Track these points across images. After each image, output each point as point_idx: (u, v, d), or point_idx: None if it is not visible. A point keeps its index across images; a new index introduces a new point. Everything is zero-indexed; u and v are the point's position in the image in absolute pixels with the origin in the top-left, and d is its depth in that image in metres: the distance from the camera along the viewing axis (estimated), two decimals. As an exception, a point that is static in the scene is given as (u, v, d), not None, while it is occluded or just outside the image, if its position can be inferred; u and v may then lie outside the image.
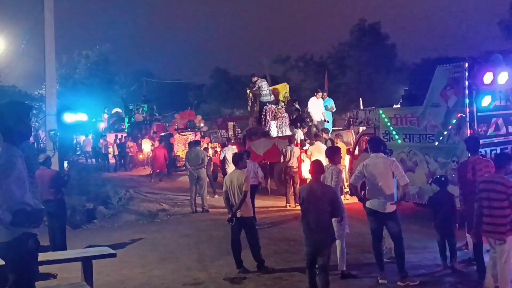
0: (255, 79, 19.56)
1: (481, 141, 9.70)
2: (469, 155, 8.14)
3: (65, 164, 10.67)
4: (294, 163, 14.75)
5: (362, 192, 8.28)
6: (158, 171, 22.14)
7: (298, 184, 14.62)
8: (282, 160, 15.01)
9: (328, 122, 17.85)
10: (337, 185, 8.09)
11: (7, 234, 4.42)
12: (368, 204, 7.95)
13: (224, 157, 16.41)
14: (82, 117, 11.08)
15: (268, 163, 17.09)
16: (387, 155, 8.98)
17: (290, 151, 14.76)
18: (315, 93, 18.23)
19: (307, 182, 10.60)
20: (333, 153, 8.55)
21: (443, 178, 8.79)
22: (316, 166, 7.30)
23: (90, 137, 32.53)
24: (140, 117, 33.66)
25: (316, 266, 7.06)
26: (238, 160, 9.28)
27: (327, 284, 6.87)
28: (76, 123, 12.10)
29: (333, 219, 7.34)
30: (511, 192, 6.46)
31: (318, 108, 17.73)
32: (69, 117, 11.03)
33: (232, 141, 20.39)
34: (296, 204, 14.41)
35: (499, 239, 6.55)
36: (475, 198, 6.93)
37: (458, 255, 8.26)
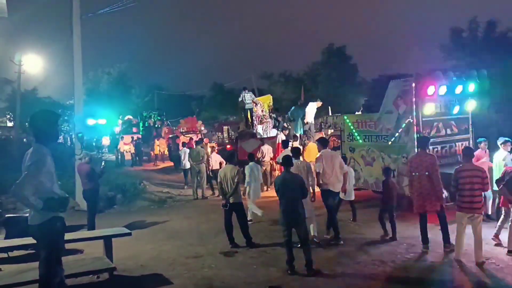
0: (244, 91, 19.51)
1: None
2: (419, 149, 8.28)
3: (102, 162, 10.99)
4: (267, 158, 15.52)
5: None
6: None
7: (271, 174, 15.73)
8: (259, 156, 15.37)
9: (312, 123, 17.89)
10: (310, 176, 8.24)
11: (39, 217, 4.37)
12: (325, 186, 8.63)
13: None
14: (101, 121, 11.14)
15: (256, 159, 17.01)
16: (351, 152, 9.28)
17: (267, 149, 15.68)
18: (317, 100, 17.94)
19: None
20: (296, 153, 8.81)
21: (387, 169, 9.33)
22: (285, 160, 7.49)
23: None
24: (151, 122, 33.62)
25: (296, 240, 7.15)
26: (230, 156, 9.27)
27: (310, 252, 6.97)
28: (96, 126, 12.13)
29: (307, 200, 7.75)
30: (485, 176, 7.03)
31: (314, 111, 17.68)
32: (91, 121, 11.11)
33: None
34: (269, 187, 14.92)
35: (478, 213, 6.99)
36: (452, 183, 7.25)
37: None
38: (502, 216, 7.95)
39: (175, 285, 6.64)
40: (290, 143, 13.60)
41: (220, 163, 14.93)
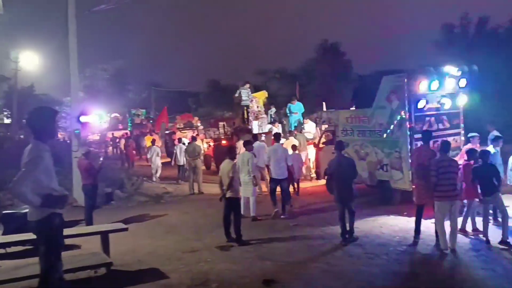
0: (245, 85, 19.04)
1: (416, 135, 9.93)
2: (422, 143, 8.47)
3: (101, 158, 11.15)
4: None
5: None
6: None
7: None
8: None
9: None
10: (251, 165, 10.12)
11: (37, 214, 4.35)
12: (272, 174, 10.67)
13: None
14: (94, 118, 11.40)
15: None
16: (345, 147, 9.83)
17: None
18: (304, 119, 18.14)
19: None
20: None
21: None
22: (338, 144, 8.79)
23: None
24: (139, 119, 34.30)
25: None
26: (228, 152, 9.27)
27: (353, 222, 8.30)
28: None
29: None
30: (459, 167, 7.78)
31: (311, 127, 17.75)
32: (84, 119, 11.24)
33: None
34: None
35: (456, 199, 7.48)
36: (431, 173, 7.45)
37: None
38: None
39: (172, 279, 6.65)
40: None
41: None
